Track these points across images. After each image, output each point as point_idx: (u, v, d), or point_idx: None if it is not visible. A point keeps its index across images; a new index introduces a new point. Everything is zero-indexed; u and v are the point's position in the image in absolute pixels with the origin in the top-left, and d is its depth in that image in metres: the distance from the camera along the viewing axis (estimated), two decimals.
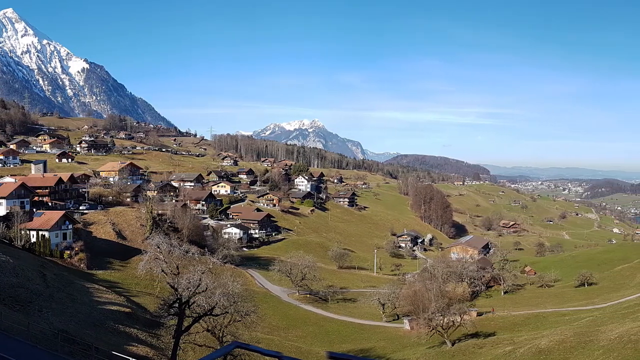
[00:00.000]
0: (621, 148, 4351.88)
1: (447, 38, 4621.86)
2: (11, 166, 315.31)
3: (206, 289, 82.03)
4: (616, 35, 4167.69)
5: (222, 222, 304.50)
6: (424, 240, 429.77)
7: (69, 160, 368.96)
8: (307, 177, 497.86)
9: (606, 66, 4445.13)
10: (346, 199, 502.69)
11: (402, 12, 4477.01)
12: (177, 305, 79.13)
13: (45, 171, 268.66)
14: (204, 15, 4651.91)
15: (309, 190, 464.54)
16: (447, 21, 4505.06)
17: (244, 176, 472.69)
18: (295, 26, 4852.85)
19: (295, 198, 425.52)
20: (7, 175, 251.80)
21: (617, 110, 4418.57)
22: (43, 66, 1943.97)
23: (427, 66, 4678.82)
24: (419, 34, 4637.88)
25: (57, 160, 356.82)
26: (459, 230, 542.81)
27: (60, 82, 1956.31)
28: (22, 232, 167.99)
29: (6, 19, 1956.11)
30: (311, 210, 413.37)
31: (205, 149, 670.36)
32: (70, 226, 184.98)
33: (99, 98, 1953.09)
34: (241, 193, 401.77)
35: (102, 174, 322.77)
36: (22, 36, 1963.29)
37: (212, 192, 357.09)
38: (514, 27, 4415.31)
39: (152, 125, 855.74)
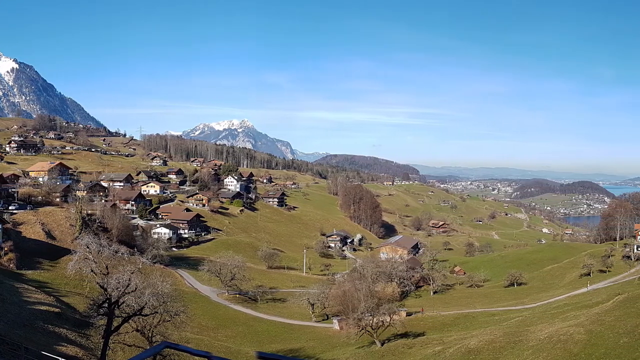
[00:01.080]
0: (550, 148, 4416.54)
1: (376, 38, 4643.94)
2: None
3: (135, 289, 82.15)
4: (542, 35, 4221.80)
5: (151, 222, 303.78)
6: (353, 240, 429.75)
7: None
8: (236, 177, 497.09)
9: (533, 66, 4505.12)
10: (275, 199, 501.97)
11: (330, 13, 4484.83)
12: (106, 305, 78.92)
13: None
14: (132, 15, 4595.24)
15: (238, 190, 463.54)
16: (375, 21, 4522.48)
17: (173, 176, 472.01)
18: (222, 26, 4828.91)
19: (225, 198, 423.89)
20: None
21: (546, 111, 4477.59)
22: None
23: (356, 66, 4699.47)
24: (348, 34, 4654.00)
25: None
26: (389, 230, 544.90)
27: None
28: None
29: None
30: (240, 210, 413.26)
31: (134, 149, 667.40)
32: None
33: (28, 98, 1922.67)
34: (171, 193, 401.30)
35: (32, 174, 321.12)
36: None
37: (142, 192, 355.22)
38: (441, 27, 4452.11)
39: (81, 125, 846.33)
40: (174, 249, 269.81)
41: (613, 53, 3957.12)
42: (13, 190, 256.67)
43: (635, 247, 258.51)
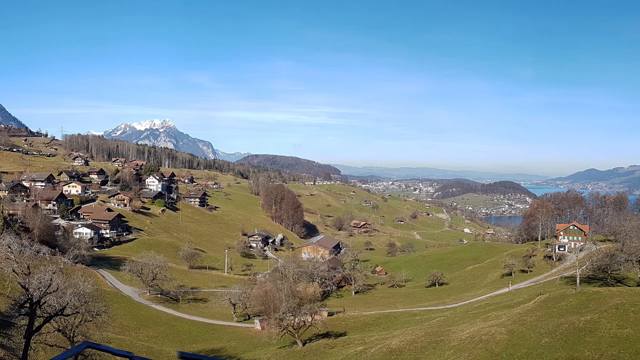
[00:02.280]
0: (472, 148, 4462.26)
1: (297, 38, 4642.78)
2: None
3: (57, 289, 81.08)
4: (462, 34, 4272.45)
5: (73, 222, 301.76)
6: (275, 240, 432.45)
7: None
8: (158, 177, 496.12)
9: (453, 66, 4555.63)
10: (197, 199, 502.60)
11: (251, 12, 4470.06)
12: (28, 305, 77.84)
13: None
14: (52, 14, 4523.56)
15: (160, 190, 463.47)
16: (296, 21, 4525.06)
17: (95, 176, 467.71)
18: (143, 26, 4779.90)
19: (147, 198, 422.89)
20: None
21: (467, 110, 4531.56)
22: None
23: (278, 66, 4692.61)
24: (270, 34, 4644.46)
25: None
26: (310, 230, 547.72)
27: None
28: None
29: None
30: (162, 210, 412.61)
31: (56, 149, 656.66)
32: None
33: None
34: (92, 193, 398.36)
35: None
36: None
37: (63, 192, 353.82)
38: (361, 27, 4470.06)
39: (2, 125, 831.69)
40: (95, 249, 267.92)
41: (533, 53, 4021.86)
42: None
43: (556, 247, 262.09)
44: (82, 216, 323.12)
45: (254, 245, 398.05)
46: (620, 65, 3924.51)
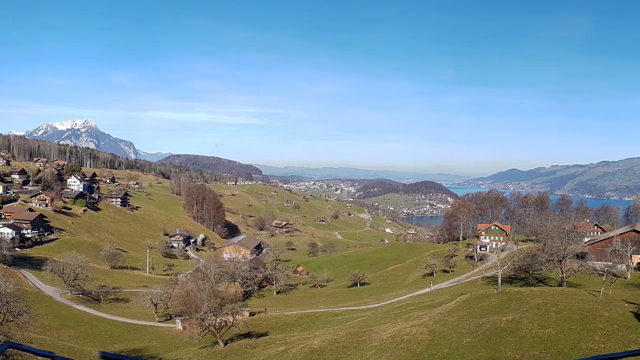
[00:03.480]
0: (394, 148, 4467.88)
1: (219, 38, 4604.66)
2: None
3: None
4: (383, 35, 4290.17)
5: None
6: (196, 240, 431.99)
7: None
8: (79, 177, 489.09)
9: (375, 66, 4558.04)
10: (119, 199, 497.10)
11: (174, 13, 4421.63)
12: None
13: None
14: None
15: (81, 190, 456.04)
16: (217, 21, 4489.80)
17: (16, 176, 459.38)
18: (63, 25, 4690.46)
19: (68, 198, 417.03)
20: None
21: (389, 110, 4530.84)
22: None
23: (199, 66, 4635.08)
24: (191, 34, 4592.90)
25: None
26: (232, 230, 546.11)
27: None
28: None
29: None
30: (84, 210, 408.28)
31: None
32: None
33: None
34: (14, 193, 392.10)
35: None
36: None
37: None
38: (284, 27, 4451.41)
39: None
40: (17, 249, 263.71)
41: (454, 53, 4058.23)
42: None
43: (478, 247, 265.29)
44: (3, 216, 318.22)
45: (176, 245, 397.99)
46: (542, 65, 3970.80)
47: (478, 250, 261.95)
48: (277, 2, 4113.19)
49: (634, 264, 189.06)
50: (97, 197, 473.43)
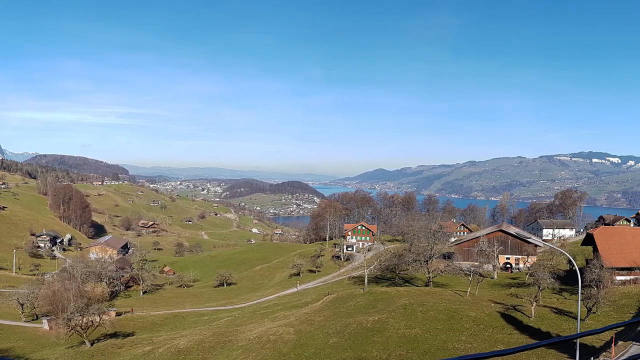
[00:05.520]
0: (261, 148, 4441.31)
1: (86, 38, 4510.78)
2: None
3: None
4: (250, 35, 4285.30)
5: None
6: (63, 240, 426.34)
7: None
8: None
9: (245, 66, 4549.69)
10: None
11: (37, 12, 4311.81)
12: None
13: None
14: None
15: None
16: (84, 21, 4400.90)
17: None
18: None
19: None
20: None
21: (256, 110, 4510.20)
22: None
23: (66, 66, 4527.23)
24: (56, 33, 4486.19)
25: None
26: (99, 230, 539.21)
27: None
28: None
29: None
30: None
31: None
32: None
33: None
34: None
35: None
36: None
37: None
38: (152, 26, 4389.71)
39: None
40: None
41: (322, 53, 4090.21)
42: None
43: (344, 247, 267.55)
44: None
45: (43, 245, 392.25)
46: (409, 66, 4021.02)
47: (345, 250, 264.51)
48: (144, 1, 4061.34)
49: (501, 264, 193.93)
50: None
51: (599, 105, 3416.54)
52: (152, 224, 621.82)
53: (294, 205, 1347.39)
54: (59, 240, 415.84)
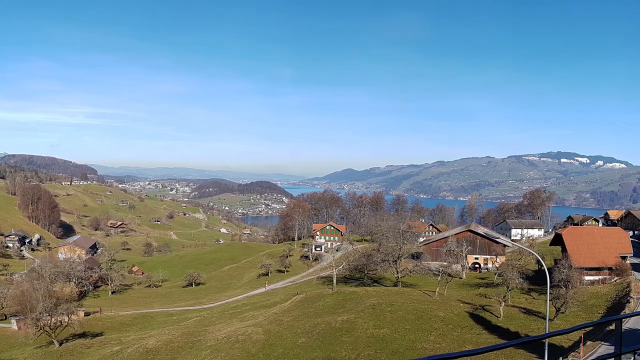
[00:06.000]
0: (230, 148, 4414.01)
1: (55, 38, 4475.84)
2: None
3: None
4: (219, 35, 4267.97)
5: None
6: (31, 240, 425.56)
7: None
8: None
9: (214, 66, 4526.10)
10: None
11: (6, 11, 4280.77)
12: None
13: None
14: None
15: None
16: (53, 21, 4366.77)
17: None
18: None
19: None
20: None
21: (225, 110, 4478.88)
22: None
23: (35, 66, 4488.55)
24: (27, 33, 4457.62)
25: None
26: (67, 230, 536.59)
27: None
28: None
29: None
30: None
31: None
32: None
33: None
34: None
35: None
36: None
37: None
38: (121, 27, 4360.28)
39: None
40: None
41: (292, 53, 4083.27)
42: None
43: (313, 247, 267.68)
44: None
45: (11, 245, 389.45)
46: (377, 65, 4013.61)
47: (313, 250, 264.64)
48: (113, 2, 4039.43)
49: (469, 264, 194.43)
50: None
51: (568, 105, 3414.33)
52: (121, 224, 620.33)
53: (263, 205, 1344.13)
54: (27, 240, 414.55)
